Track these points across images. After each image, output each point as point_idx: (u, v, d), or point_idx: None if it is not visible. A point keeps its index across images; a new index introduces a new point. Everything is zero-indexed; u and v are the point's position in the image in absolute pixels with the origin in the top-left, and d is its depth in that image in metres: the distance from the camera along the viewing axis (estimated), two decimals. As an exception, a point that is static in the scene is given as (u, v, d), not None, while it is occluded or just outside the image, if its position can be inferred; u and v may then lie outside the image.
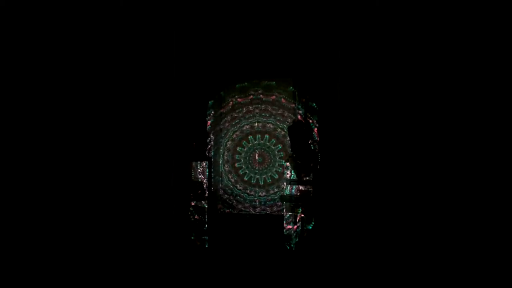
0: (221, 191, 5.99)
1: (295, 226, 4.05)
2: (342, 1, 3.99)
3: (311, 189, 4.47)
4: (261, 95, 5.60)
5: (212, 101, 5.51)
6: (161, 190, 4.37)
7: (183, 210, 4.57)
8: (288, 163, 4.79)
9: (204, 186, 4.76)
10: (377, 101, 3.61)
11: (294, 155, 4.63)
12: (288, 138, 4.84)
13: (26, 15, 3.51)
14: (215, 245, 4.60)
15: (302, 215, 4.20)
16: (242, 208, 5.60)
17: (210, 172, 4.89)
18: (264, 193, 5.75)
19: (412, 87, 3.38)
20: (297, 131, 4.72)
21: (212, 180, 5.29)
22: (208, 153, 5.35)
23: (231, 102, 5.89)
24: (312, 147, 4.60)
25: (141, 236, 3.92)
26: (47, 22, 3.56)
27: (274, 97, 5.49)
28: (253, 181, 5.77)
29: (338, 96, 4.00)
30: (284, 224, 4.66)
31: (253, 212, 5.58)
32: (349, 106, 3.94)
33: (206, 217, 4.67)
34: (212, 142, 5.49)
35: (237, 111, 5.92)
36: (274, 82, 5.46)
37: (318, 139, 4.53)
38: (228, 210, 5.46)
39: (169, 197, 4.41)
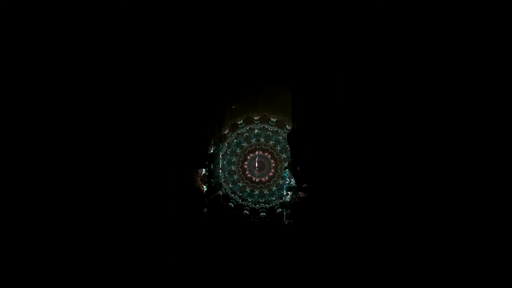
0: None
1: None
2: (342, 8, 4.03)
3: (311, 196, 4.46)
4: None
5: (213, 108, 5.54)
6: (161, 196, 4.37)
7: (183, 215, 4.56)
8: (287, 170, 4.80)
9: (204, 192, 4.75)
10: (376, 106, 3.63)
11: (294, 162, 4.64)
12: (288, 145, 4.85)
13: (26, 15, 3.54)
14: (214, 249, 4.58)
15: (301, 221, 4.18)
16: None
17: (210, 178, 4.89)
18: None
19: (412, 95, 3.40)
20: (297, 138, 4.73)
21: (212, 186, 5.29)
22: (208, 159, 5.35)
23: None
24: (311, 154, 4.61)
25: (140, 241, 3.92)
26: (46, 21, 3.58)
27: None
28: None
29: (338, 100, 4.03)
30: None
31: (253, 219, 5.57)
32: (348, 112, 3.96)
33: (206, 222, 4.65)
34: (213, 149, 5.50)
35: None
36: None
37: (318, 146, 4.54)
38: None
39: (168, 203, 4.41)
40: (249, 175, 6.03)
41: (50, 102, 3.63)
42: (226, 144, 6.08)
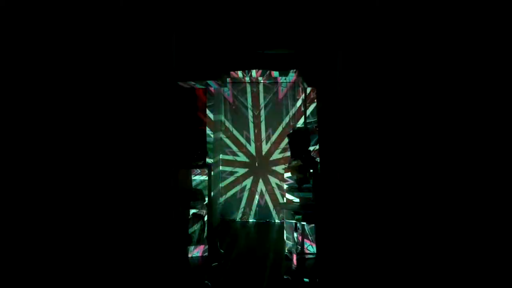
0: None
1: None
2: (342, 8, 4.01)
3: (311, 197, 4.45)
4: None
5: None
6: (161, 196, 4.35)
7: (182, 217, 4.56)
8: (288, 170, 4.78)
9: (204, 193, 4.73)
10: (376, 106, 3.61)
11: (294, 162, 4.62)
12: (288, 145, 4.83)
13: (24, 14, 3.53)
14: (214, 249, 4.57)
15: (302, 223, 4.16)
16: None
17: (210, 178, 4.87)
18: None
19: (413, 95, 3.37)
20: (297, 138, 4.71)
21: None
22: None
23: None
24: (312, 155, 4.59)
25: (139, 241, 3.92)
26: (44, 20, 3.57)
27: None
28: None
29: (338, 99, 4.00)
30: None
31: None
32: (348, 111, 3.94)
33: (206, 224, 4.63)
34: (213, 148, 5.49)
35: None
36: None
37: (318, 146, 4.52)
38: None
39: (168, 203, 4.40)
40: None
41: (49, 102, 3.63)
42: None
